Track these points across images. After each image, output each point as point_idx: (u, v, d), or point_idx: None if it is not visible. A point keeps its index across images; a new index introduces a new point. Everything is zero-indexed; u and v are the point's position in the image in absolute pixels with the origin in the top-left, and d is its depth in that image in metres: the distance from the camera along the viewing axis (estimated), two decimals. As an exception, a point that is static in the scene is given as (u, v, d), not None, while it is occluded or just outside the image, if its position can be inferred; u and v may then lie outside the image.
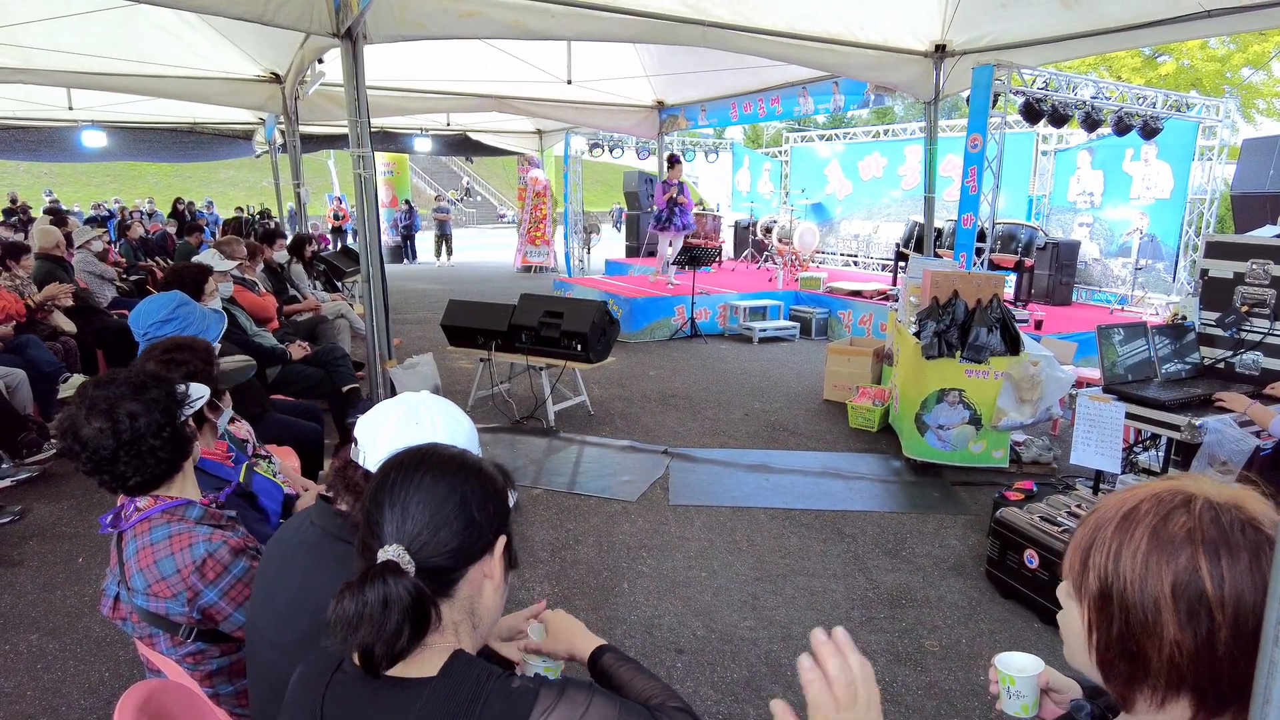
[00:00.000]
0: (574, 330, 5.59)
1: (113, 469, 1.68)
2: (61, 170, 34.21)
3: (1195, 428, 3.25)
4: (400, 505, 1.06)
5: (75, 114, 10.44)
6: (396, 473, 1.10)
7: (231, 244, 5.95)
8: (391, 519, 1.06)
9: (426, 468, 1.10)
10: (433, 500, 1.07)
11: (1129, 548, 0.84)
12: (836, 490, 4.72)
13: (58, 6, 5.81)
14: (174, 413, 1.75)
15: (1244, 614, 0.78)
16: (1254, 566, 0.79)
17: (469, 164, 41.10)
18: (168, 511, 1.72)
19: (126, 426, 1.66)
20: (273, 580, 1.45)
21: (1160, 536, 0.83)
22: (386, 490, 1.08)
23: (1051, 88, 7.10)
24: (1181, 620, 0.80)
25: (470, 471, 1.12)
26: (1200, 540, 0.80)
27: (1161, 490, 0.87)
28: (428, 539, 1.05)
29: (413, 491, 1.07)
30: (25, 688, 2.79)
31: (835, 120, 31.13)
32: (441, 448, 1.16)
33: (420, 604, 1.00)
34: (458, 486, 1.09)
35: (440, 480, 1.09)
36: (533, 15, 5.19)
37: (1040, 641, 3.12)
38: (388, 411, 1.41)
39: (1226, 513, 0.82)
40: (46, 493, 4.51)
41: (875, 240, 13.85)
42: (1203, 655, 0.79)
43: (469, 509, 1.08)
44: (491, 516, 1.11)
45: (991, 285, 4.91)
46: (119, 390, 1.70)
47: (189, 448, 1.80)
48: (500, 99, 10.24)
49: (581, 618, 3.29)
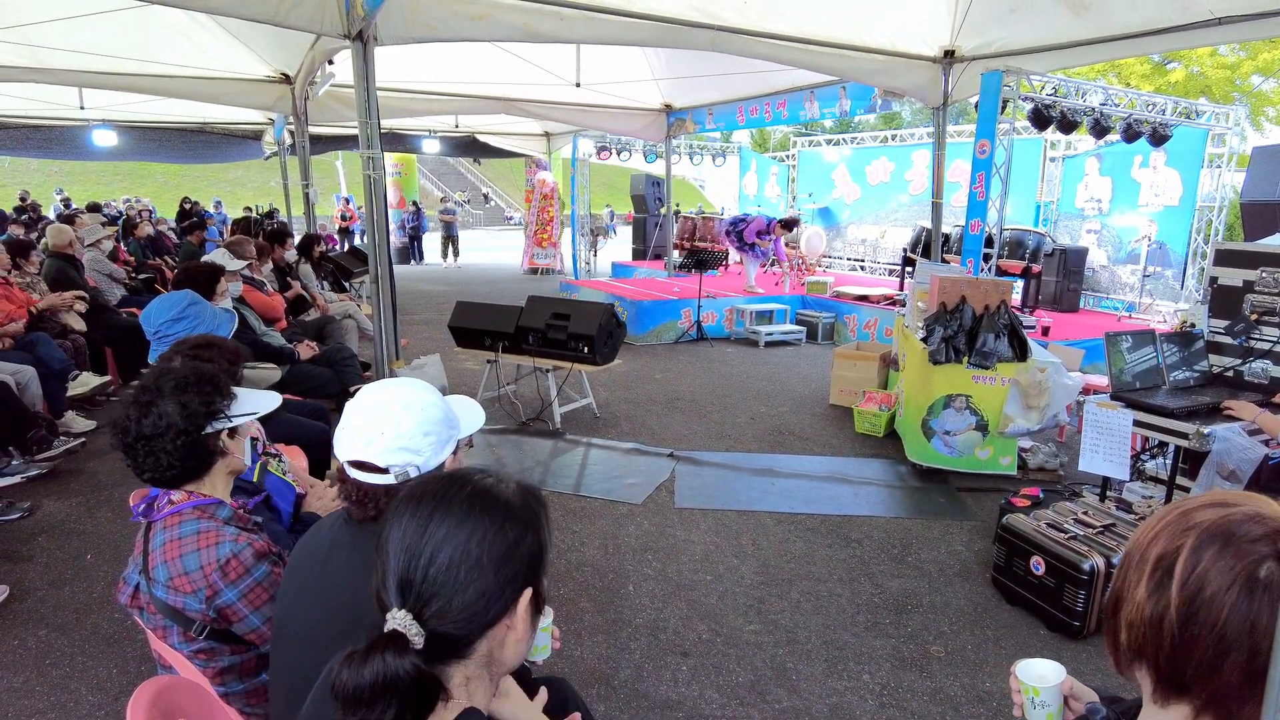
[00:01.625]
0: (581, 332, 5.60)
1: (132, 456, 1.71)
2: (72, 169, 34.42)
3: (1203, 436, 3.24)
4: (412, 558, 0.97)
5: (86, 113, 10.50)
6: (412, 515, 1.00)
7: (240, 244, 5.98)
8: (400, 573, 0.97)
9: (444, 513, 0.99)
10: (448, 558, 0.96)
11: (1151, 522, 0.91)
12: (842, 495, 4.72)
13: (70, 6, 5.84)
14: (200, 423, 1.75)
15: (1199, 603, 0.81)
16: (1236, 566, 0.80)
17: (477, 166, 41.19)
18: (199, 508, 1.74)
19: (151, 421, 1.68)
20: (305, 578, 1.46)
21: (1184, 518, 0.87)
22: (400, 536, 0.99)
23: (1060, 94, 7.09)
24: (1150, 587, 0.85)
25: (495, 516, 1.01)
26: (1206, 529, 0.84)
27: (1231, 495, 0.90)
28: (440, 606, 0.95)
29: (426, 542, 0.97)
30: (34, 683, 2.81)
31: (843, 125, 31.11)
32: (468, 480, 1.04)
33: (425, 683, 0.92)
34: (479, 540, 0.98)
35: (459, 530, 0.98)
36: (542, 18, 5.21)
37: (1046, 648, 3.12)
38: (385, 422, 1.45)
39: (1260, 522, 0.83)
40: (56, 489, 4.53)
41: (882, 245, 13.84)
42: (1153, 627, 0.84)
43: (489, 570, 0.97)
44: (517, 572, 1.01)
45: (999, 291, 4.90)
46: (167, 383, 1.72)
47: (210, 460, 1.80)
48: (508, 101, 10.27)
49: (586, 620, 3.31)
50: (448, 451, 1.51)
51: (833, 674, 2.93)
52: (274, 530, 2.00)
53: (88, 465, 4.91)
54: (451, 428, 1.52)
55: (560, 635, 1.56)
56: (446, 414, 1.52)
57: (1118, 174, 10.34)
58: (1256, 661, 0.77)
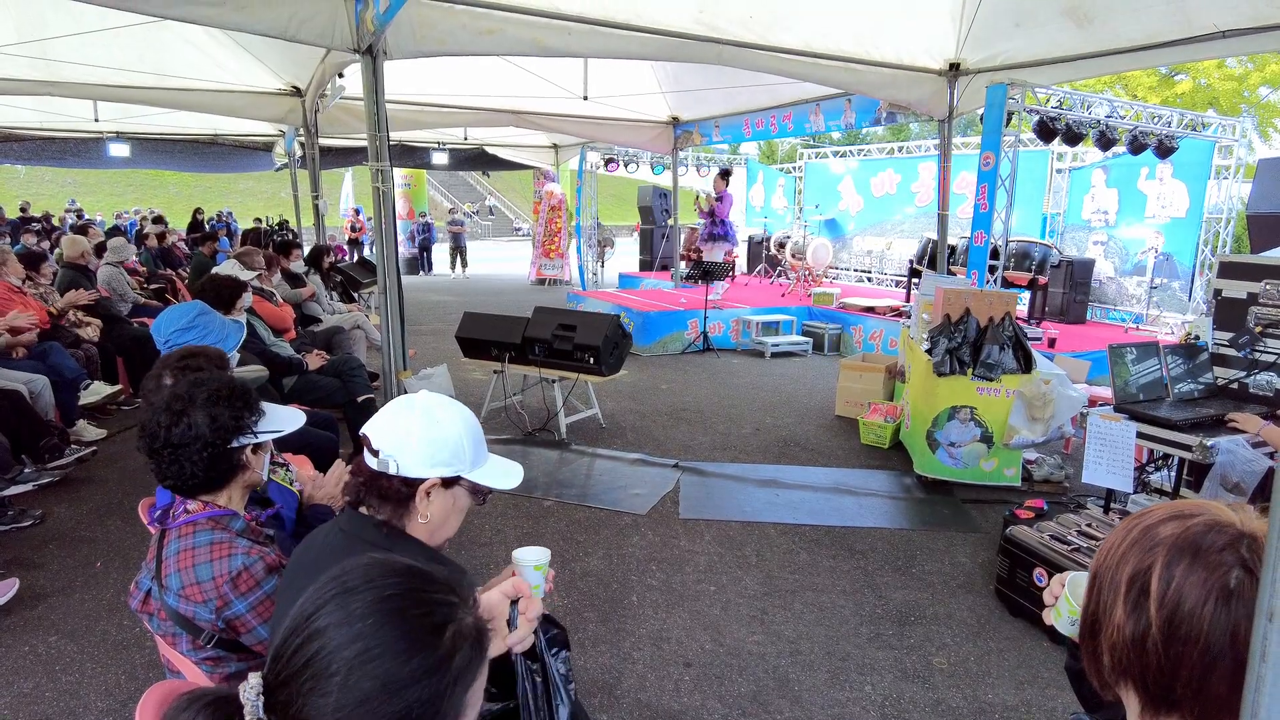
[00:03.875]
0: (586, 343, 5.63)
1: (157, 461, 1.75)
2: (86, 178, 34.83)
3: (1207, 448, 3.24)
4: (292, 631, 0.82)
5: (101, 125, 10.65)
6: (320, 587, 0.85)
7: (250, 255, 6.05)
8: (280, 638, 0.83)
9: (345, 600, 0.82)
10: (320, 649, 0.79)
11: (1114, 539, 0.92)
12: (847, 506, 4.72)
13: (88, 21, 5.95)
14: (227, 437, 1.78)
15: (1179, 619, 0.82)
16: (1209, 579, 0.82)
17: (486, 177, 41.42)
18: (214, 519, 1.77)
19: (180, 430, 1.72)
20: (300, 589, 1.49)
21: (1147, 534, 0.88)
22: (301, 601, 0.84)
23: (1066, 106, 7.11)
24: (1127, 608, 0.86)
25: (399, 636, 0.80)
26: (1172, 544, 0.85)
27: (1186, 505, 0.91)
28: (288, 697, 0.78)
29: (312, 620, 0.81)
30: (44, 689, 2.84)
31: (850, 137, 31.18)
32: (402, 581, 0.85)
33: None
34: (359, 652, 0.78)
35: (346, 628, 0.80)
36: (551, 33, 5.27)
37: (1050, 660, 3.11)
38: (404, 417, 1.48)
39: (1221, 532, 0.84)
40: (67, 497, 4.58)
41: (889, 256, 13.85)
42: (1136, 647, 0.85)
43: (354, 688, 0.77)
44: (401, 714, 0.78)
45: (1004, 303, 4.91)
46: (201, 393, 1.76)
47: (232, 473, 1.82)
48: (517, 114, 10.36)
49: (590, 630, 3.33)
50: (437, 472, 1.48)
51: (835, 685, 2.94)
52: (284, 541, 2.04)
53: (99, 473, 4.96)
54: (458, 459, 1.50)
55: (554, 578, 1.58)
56: (459, 446, 1.49)
57: (1124, 186, 10.34)
58: (1242, 671, 0.79)
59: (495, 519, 4.39)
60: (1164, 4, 5.13)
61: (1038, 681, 2.99)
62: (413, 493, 1.48)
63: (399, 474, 1.45)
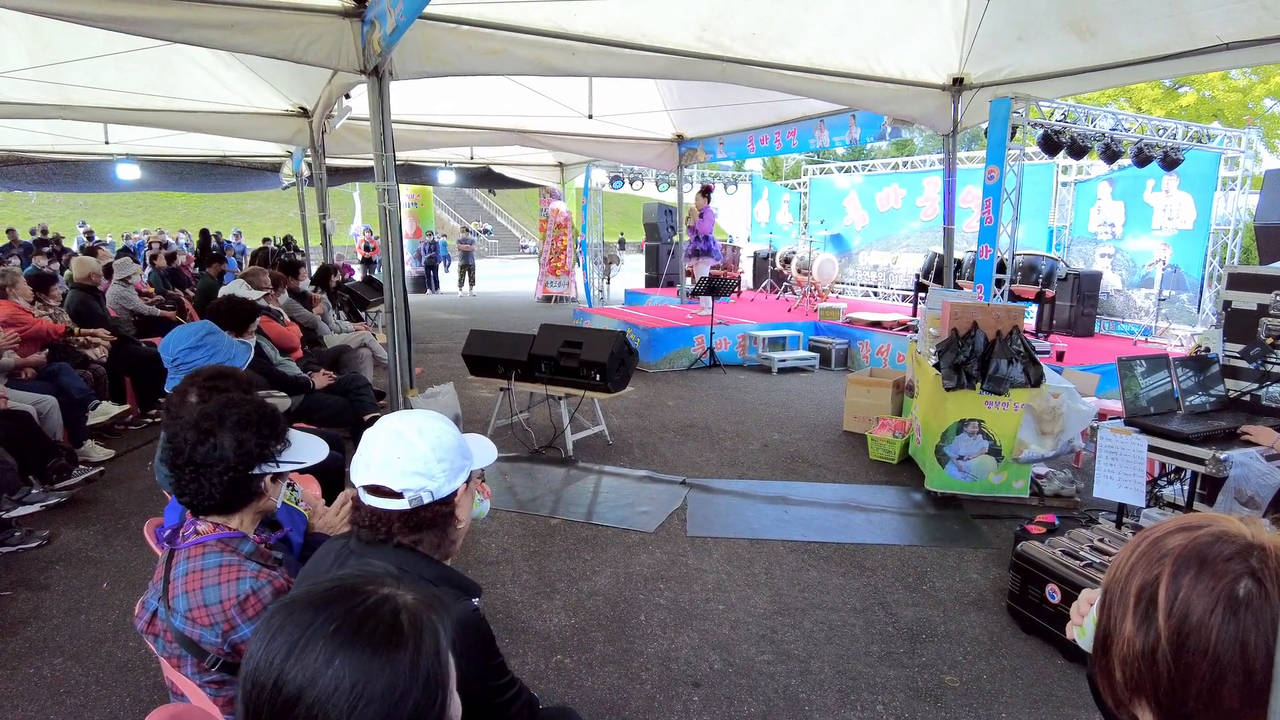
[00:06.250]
0: (593, 360, 5.63)
1: (177, 476, 1.75)
2: (95, 200, 35.17)
3: (1220, 461, 3.20)
4: (264, 672, 0.79)
5: (111, 148, 10.76)
6: (281, 629, 0.82)
7: (257, 274, 6.08)
8: (251, 678, 0.80)
9: (312, 638, 0.80)
10: (297, 689, 0.78)
11: (1124, 554, 0.91)
12: (856, 523, 4.68)
13: (97, 46, 6.02)
14: (250, 464, 1.77)
15: (1188, 629, 0.81)
16: (1216, 588, 0.81)
17: (492, 196, 41.71)
18: (223, 541, 1.76)
19: (205, 450, 1.72)
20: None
21: (1155, 546, 0.88)
22: (262, 646, 0.82)
23: (1070, 119, 7.11)
24: (1137, 621, 0.85)
25: (369, 653, 0.80)
26: (1179, 555, 0.84)
27: (1195, 518, 0.90)
28: None
29: (280, 663, 0.79)
30: (48, 712, 2.82)
31: (854, 152, 31.29)
32: (352, 599, 0.84)
33: None
34: (336, 685, 0.78)
35: (323, 665, 0.78)
36: (555, 53, 5.31)
37: (1063, 678, 3.07)
38: (401, 447, 1.49)
39: (1229, 542, 0.83)
40: (74, 518, 4.58)
41: (895, 271, 13.85)
42: (1147, 660, 0.84)
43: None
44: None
45: (1011, 317, 4.89)
46: (231, 415, 1.76)
47: (249, 499, 1.82)
48: (523, 133, 10.42)
49: (597, 650, 3.29)
50: (460, 480, 1.54)
51: (846, 704, 2.90)
52: (291, 564, 2.02)
53: (106, 494, 4.97)
54: (465, 457, 1.56)
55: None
56: (460, 443, 1.56)
57: (1130, 198, 10.33)
58: (1254, 683, 0.78)
59: (502, 537, 4.37)
60: (1167, 16, 5.14)
61: (1051, 700, 2.94)
62: (451, 509, 1.53)
63: (435, 499, 1.48)
